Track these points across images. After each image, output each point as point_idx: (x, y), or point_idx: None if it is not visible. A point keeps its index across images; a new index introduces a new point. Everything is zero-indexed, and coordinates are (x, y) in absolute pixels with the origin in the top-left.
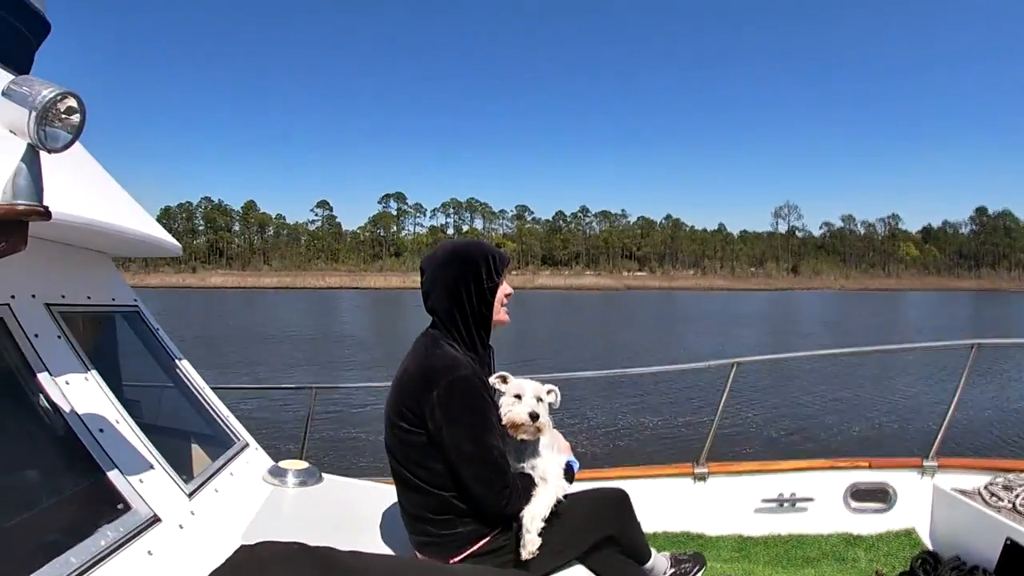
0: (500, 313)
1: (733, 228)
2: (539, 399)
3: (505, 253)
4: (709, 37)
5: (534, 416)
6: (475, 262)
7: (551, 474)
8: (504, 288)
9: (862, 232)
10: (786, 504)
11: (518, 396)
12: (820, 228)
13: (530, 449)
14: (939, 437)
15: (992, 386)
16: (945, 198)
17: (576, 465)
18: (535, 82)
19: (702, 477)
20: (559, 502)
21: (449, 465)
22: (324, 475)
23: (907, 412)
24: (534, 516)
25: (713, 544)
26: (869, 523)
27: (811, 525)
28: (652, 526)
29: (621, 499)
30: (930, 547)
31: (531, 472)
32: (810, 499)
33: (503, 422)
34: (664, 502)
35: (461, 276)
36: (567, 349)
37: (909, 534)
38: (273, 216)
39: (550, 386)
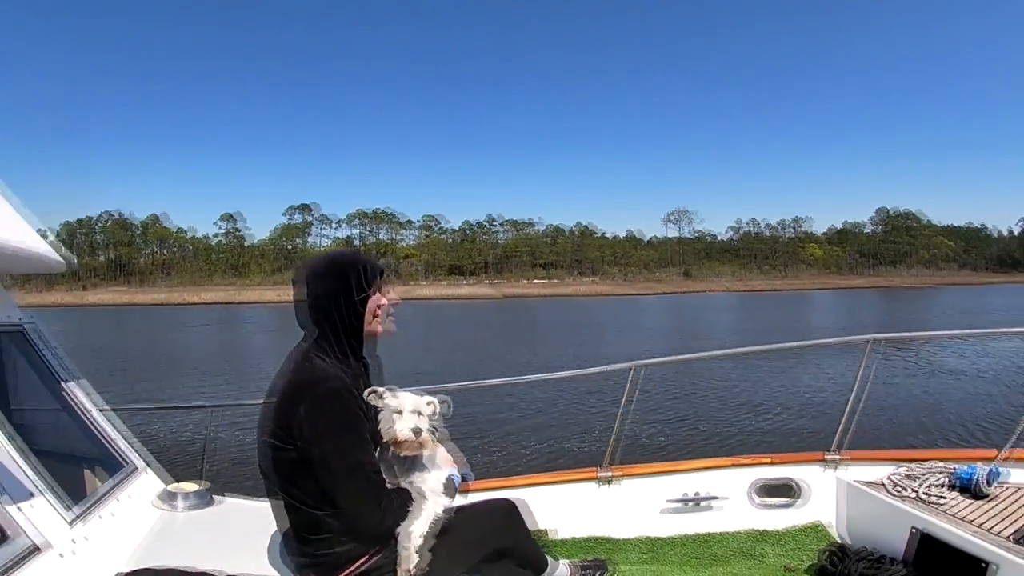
0: (373, 324)
1: (652, 234)
2: (419, 412)
3: (377, 263)
4: (623, 46)
5: (417, 432)
6: (344, 274)
7: (430, 489)
8: (377, 299)
9: (767, 235)
10: (692, 503)
11: (399, 411)
12: (727, 232)
13: (408, 463)
14: (839, 430)
15: (898, 378)
16: (853, 200)
17: (458, 479)
18: (455, 90)
19: (607, 480)
20: (445, 517)
21: (322, 483)
22: (219, 496)
23: (810, 407)
24: (411, 533)
25: (621, 547)
26: (776, 518)
27: (719, 523)
28: (559, 533)
29: (509, 510)
30: (838, 539)
31: (409, 487)
32: (716, 497)
33: (385, 439)
34: (570, 508)
35: (330, 288)
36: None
37: (816, 528)
38: (174, 231)
39: (429, 398)
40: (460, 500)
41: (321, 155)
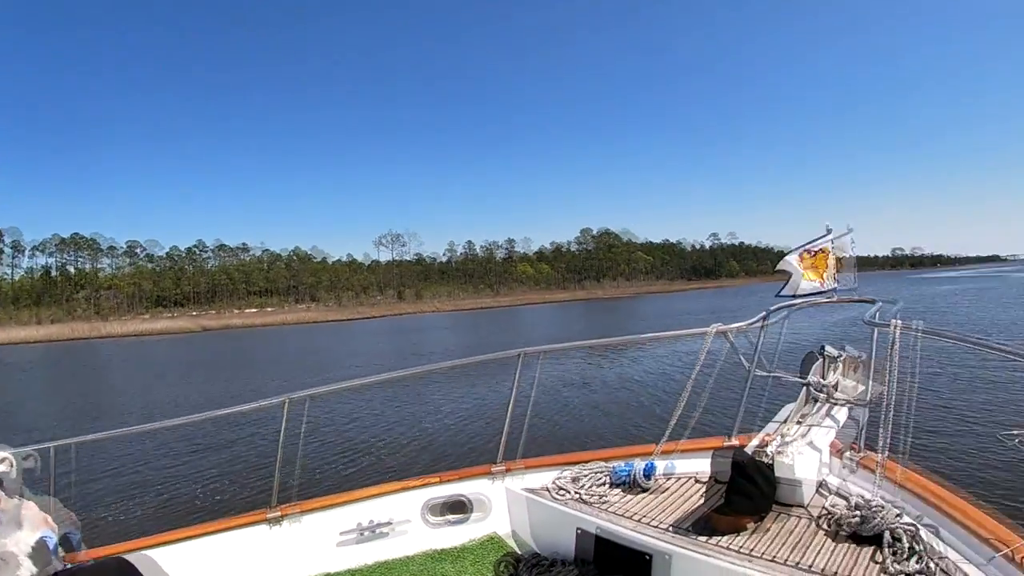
0: None
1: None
2: None
3: None
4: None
5: None
6: None
7: (15, 553)
8: None
9: (482, 255)
10: (367, 532)
11: None
12: (445, 254)
13: None
14: (503, 442)
15: (567, 386)
16: (564, 221)
17: (52, 540)
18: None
19: (277, 521)
20: None
21: None
22: None
23: (478, 423)
24: None
25: None
26: (452, 536)
27: (395, 549)
28: None
29: (119, 570)
30: (514, 548)
31: None
32: (390, 523)
33: None
34: (239, 555)
35: None
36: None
37: (492, 539)
38: None
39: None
40: (63, 566)
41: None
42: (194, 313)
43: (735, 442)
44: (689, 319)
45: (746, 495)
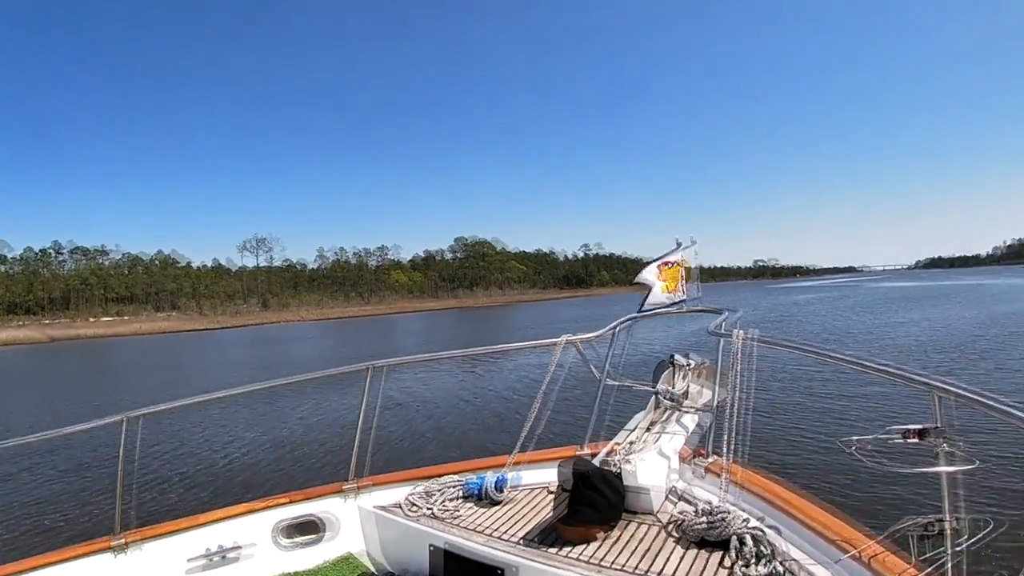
0: None
1: (249, 263)
2: None
3: None
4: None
5: None
6: None
7: None
8: None
9: (354, 263)
10: (216, 558)
11: None
12: (316, 260)
13: None
14: (354, 458)
15: (424, 398)
16: (436, 230)
17: None
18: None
19: (121, 549)
20: None
21: None
22: None
23: (329, 439)
24: None
25: None
26: (305, 558)
27: (245, 574)
28: None
29: None
30: (370, 568)
31: None
32: (240, 547)
33: None
34: None
35: None
36: None
37: (347, 560)
38: None
39: None
40: None
41: None
42: (45, 321)
43: (587, 451)
44: (556, 328)
45: (590, 504)
